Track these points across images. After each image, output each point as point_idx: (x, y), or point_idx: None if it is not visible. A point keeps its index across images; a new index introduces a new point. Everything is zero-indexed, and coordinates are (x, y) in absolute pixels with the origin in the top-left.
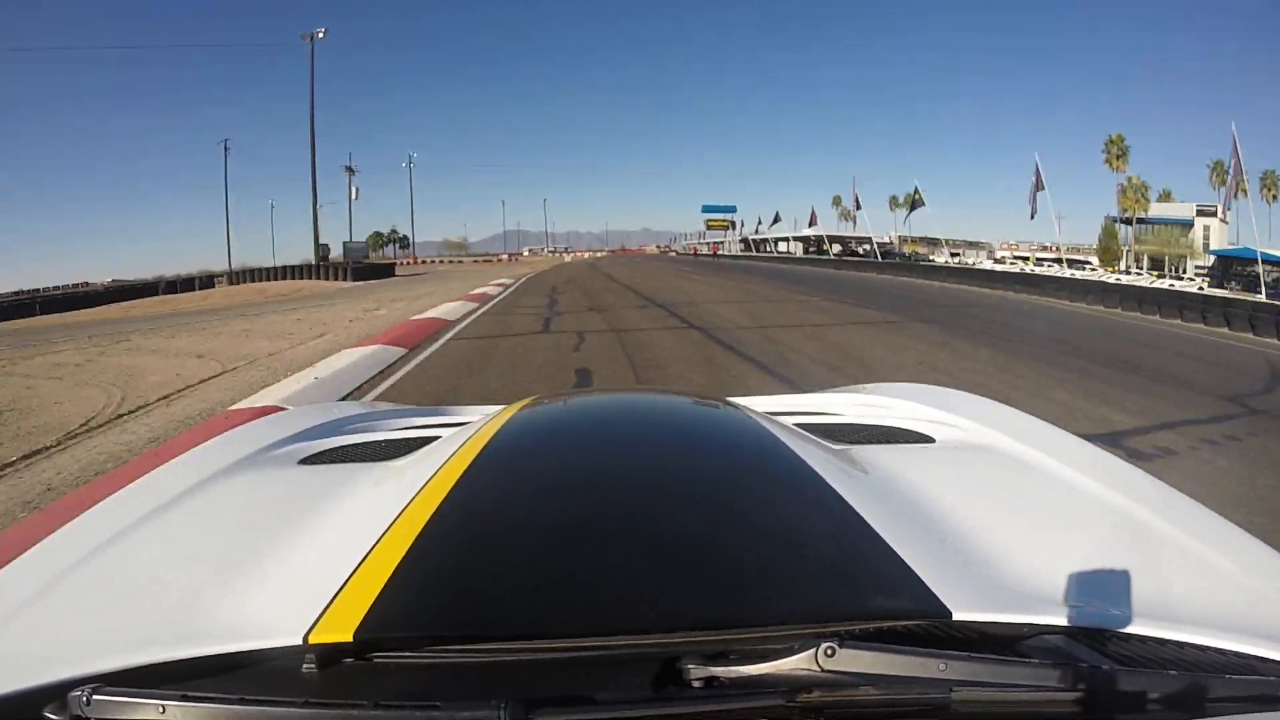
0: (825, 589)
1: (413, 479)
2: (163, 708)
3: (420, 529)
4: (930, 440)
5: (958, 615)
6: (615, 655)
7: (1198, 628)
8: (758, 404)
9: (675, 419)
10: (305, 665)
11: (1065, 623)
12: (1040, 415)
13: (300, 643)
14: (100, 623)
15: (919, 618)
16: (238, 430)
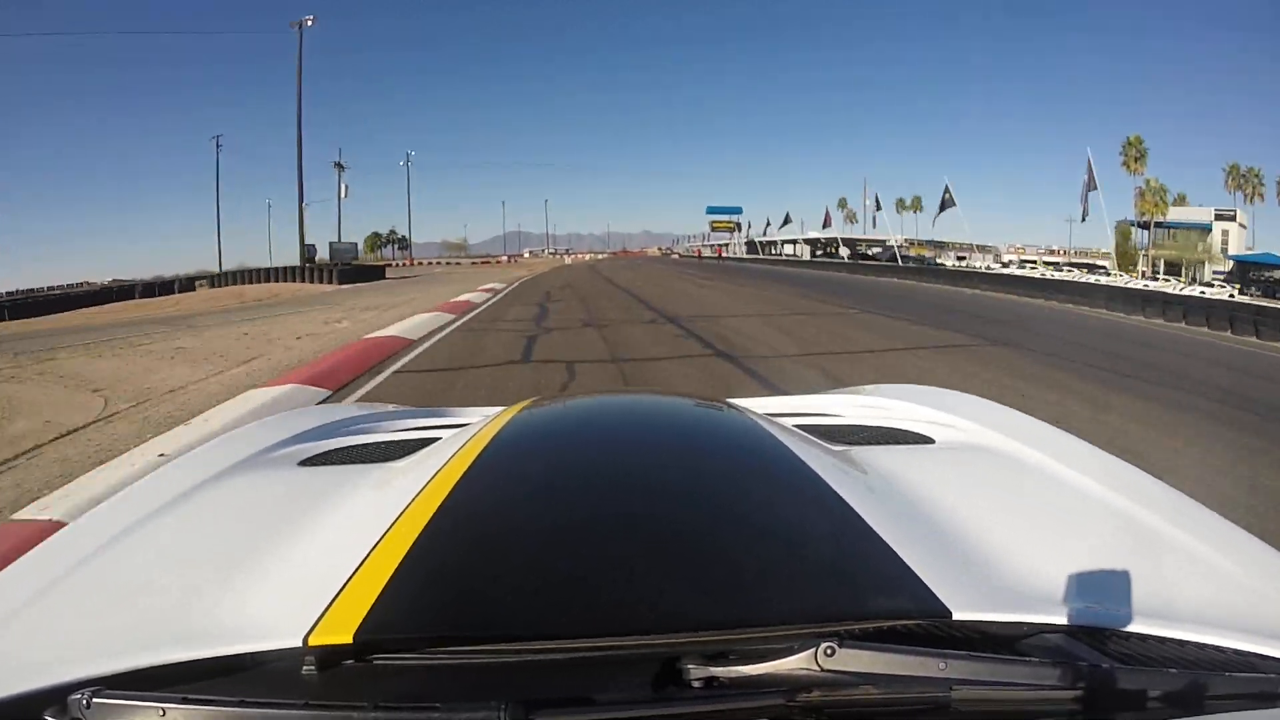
0: (825, 589)
1: (413, 480)
2: (163, 710)
3: (420, 530)
4: (930, 441)
5: (957, 615)
6: (615, 656)
7: (1198, 626)
8: (757, 405)
9: (675, 420)
10: (305, 667)
11: (1065, 621)
12: None
13: (300, 644)
14: (100, 625)
15: (919, 617)
16: (238, 432)
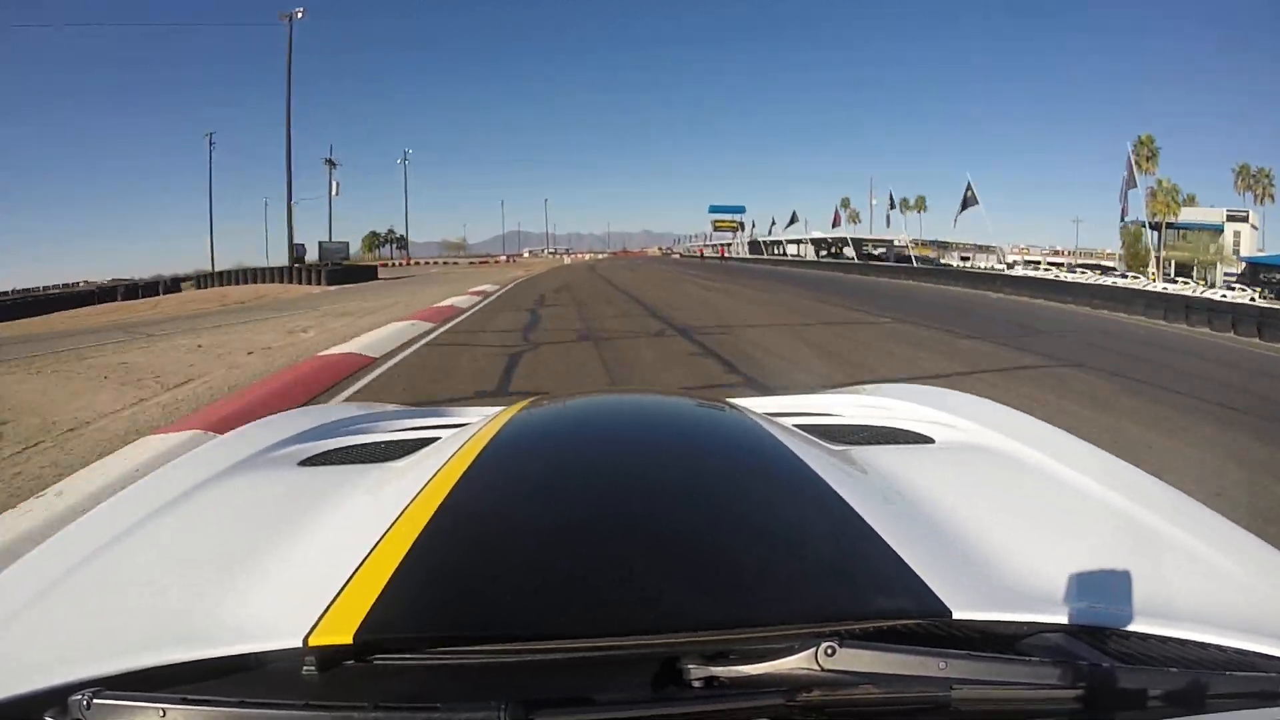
0: (825, 589)
1: (412, 480)
2: (163, 711)
3: (420, 530)
4: (930, 440)
5: (957, 614)
6: (615, 656)
7: (1198, 625)
8: (757, 405)
9: (675, 420)
10: (305, 667)
11: (1065, 621)
12: None
13: (300, 645)
14: (100, 626)
15: (919, 617)
16: (237, 432)
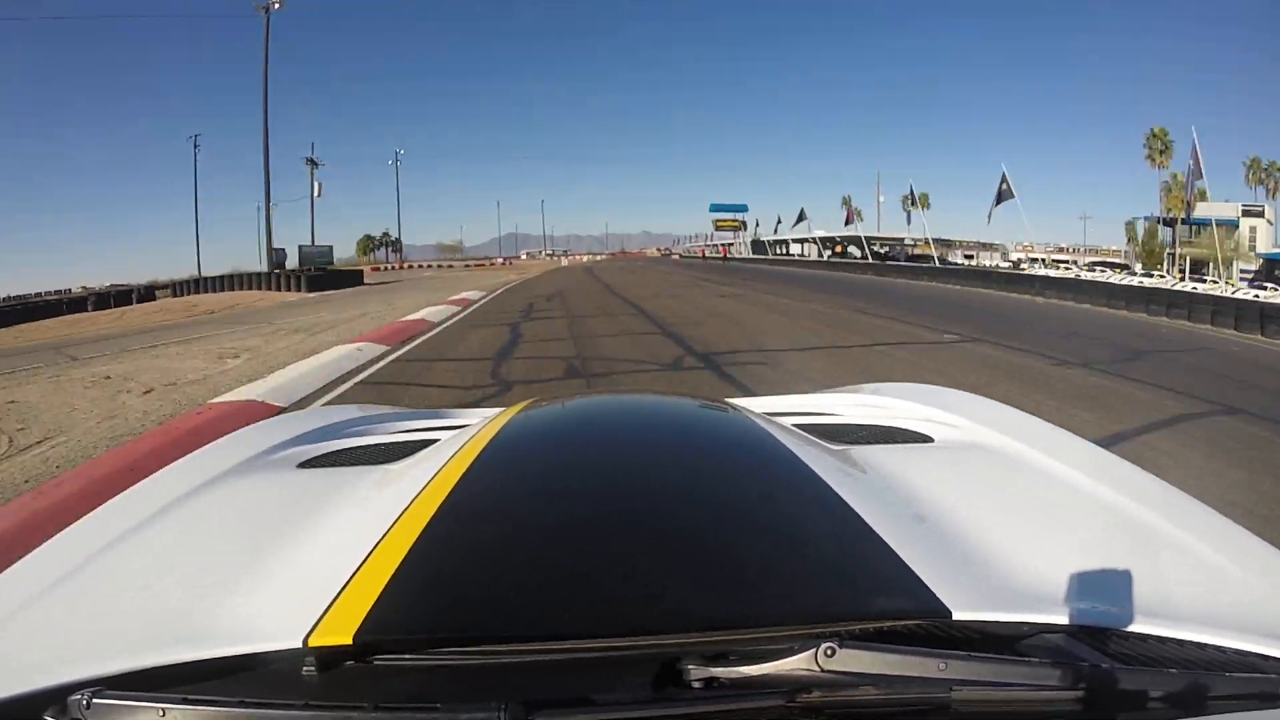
0: (825, 589)
1: (412, 481)
2: (163, 711)
3: (420, 531)
4: (929, 440)
5: (957, 615)
6: (615, 656)
7: (1198, 626)
8: (757, 405)
9: (674, 420)
10: (305, 668)
11: (1065, 621)
12: None
13: (300, 645)
14: (100, 626)
15: (919, 617)
16: (237, 434)
